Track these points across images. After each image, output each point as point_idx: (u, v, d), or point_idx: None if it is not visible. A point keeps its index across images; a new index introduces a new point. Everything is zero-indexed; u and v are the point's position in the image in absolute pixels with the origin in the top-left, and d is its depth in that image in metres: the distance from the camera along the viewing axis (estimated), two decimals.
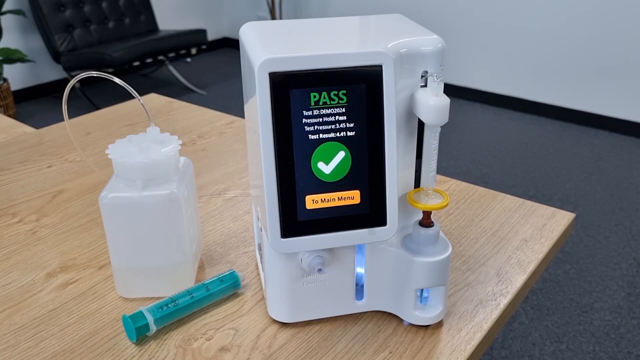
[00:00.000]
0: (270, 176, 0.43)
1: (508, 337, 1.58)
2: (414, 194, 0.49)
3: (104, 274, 0.62)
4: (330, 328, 0.54)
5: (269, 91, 0.42)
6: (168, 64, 3.63)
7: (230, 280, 0.57)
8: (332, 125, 0.44)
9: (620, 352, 1.53)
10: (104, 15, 3.46)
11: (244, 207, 0.75)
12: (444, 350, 0.51)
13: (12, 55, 3.02)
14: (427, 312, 0.53)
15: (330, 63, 0.42)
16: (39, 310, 0.56)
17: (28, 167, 0.87)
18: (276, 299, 0.53)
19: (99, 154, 0.91)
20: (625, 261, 1.91)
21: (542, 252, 0.65)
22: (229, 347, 0.52)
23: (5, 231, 0.70)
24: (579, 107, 3.01)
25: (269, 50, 0.43)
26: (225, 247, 0.66)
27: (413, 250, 0.50)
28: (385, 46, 0.45)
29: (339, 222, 0.46)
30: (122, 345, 0.52)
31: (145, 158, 0.53)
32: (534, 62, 3.11)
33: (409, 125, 0.48)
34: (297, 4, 4.11)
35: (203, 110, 1.10)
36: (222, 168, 0.86)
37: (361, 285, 0.54)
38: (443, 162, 2.58)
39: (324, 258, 0.49)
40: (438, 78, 0.45)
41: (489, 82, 3.32)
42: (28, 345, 0.52)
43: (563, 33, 2.95)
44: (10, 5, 3.22)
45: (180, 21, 4.14)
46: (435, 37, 0.47)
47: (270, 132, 0.43)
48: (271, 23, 0.52)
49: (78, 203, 0.77)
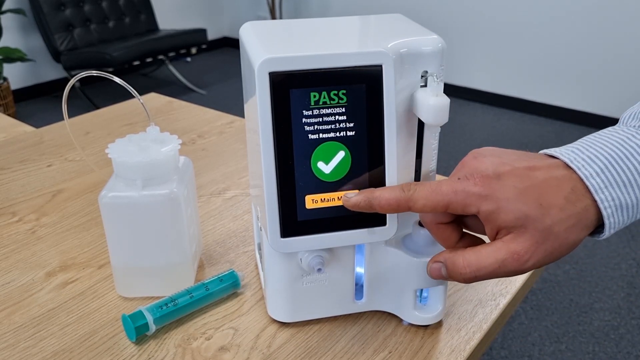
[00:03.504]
0: (270, 176, 0.43)
1: (507, 337, 1.58)
2: None
3: (104, 274, 0.62)
4: (329, 328, 0.54)
5: (269, 91, 0.42)
6: (168, 63, 3.63)
7: (230, 279, 0.57)
8: (332, 125, 0.44)
9: (619, 353, 1.53)
10: (104, 14, 3.46)
11: (243, 207, 0.75)
12: (444, 350, 0.51)
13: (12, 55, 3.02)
14: (426, 312, 0.53)
15: (330, 63, 0.42)
16: (38, 310, 0.56)
17: (28, 166, 0.87)
18: (276, 299, 0.53)
19: (99, 154, 0.91)
20: (625, 261, 1.91)
21: None
22: (228, 346, 0.52)
23: (4, 230, 0.70)
24: (579, 107, 3.01)
25: (269, 49, 0.43)
26: (224, 246, 0.66)
27: (413, 250, 0.50)
28: (385, 46, 0.45)
29: (338, 222, 0.46)
30: (121, 345, 0.52)
31: (145, 157, 0.53)
32: (534, 62, 3.11)
33: (409, 125, 0.48)
34: (297, 4, 4.11)
35: (203, 110, 1.10)
36: (222, 168, 0.86)
37: (361, 285, 0.54)
38: (443, 162, 2.58)
39: (323, 258, 0.49)
40: (438, 78, 0.45)
41: (489, 82, 3.32)
42: (27, 345, 0.52)
43: (563, 33, 2.95)
44: (10, 4, 3.22)
45: (181, 21, 4.14)
46: (435, 37, 0.47)
47: (270, 132, 0.43)
48: (271, 23, 0.52)
49: (78, 202, 0.77)
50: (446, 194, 0.40)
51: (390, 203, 0.42)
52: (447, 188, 0.40)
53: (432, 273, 0.43)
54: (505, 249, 0.38)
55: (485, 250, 0.40)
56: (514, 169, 0.39)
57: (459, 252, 0.41)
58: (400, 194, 0.41)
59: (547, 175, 0.39)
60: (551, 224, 0.37)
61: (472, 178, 0.39)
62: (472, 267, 0.40)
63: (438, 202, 0.40)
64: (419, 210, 0.41)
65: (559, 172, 0.39)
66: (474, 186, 0.39)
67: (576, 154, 0.39)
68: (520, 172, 0.39)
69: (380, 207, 0.42)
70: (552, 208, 0.38)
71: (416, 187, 0.41)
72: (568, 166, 0.39)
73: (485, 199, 0.39)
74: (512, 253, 0.38)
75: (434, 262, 0.43)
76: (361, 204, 0.43)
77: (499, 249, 0.39)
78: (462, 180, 0.40)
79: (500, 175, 0.39)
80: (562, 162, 0.39)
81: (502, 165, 0.40)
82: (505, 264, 0.38)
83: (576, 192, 0.38)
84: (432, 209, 0.41)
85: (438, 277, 0.43)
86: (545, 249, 0.38)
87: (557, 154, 0.40)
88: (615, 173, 0.38)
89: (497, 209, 0.38)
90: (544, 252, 0.38)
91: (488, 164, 0.40)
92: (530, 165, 0.39)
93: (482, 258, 0.39)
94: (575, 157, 0.39)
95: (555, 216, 0.37)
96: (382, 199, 0.42)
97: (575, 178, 0.38)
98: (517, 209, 0.38)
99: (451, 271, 0.41)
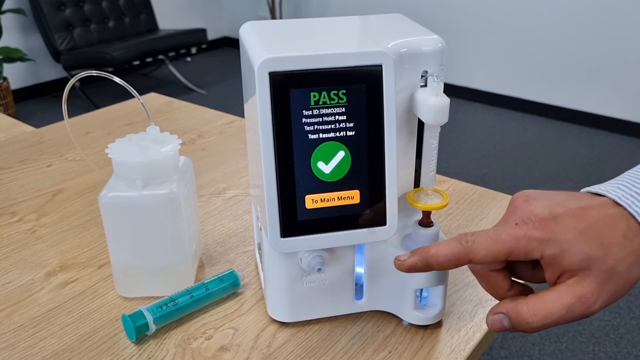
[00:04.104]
0: (270, 176, 0.43)
1: (507, 336, 1.58)
2: (413, 194, 0.49)
3: (104, 273, 0.62)
4: (329, 328, 0.54)
5: (269, 91, 0.42)
6: (168, 63, 3.63)
7: (230, 279, 0.57)
8: (332, 125, 0.44)
9: (619, 352, 1.53)
10: (104, 14, 3.46)
11: (243, 207, 0.75)
12: (444, 350, 0.51)
13: (12, 54, 3.02)
14: (426, 312, 0.53)
15: (330, 63, 0.42)
16: (38, 310, 0.56)
17: (28, 166, 0.87)
18: (276, 299, 0.53)
19: (99, 153, 0.91)
20: None
21: None
22: (228, 346, 0.52)
23: (4, 230, 0.70)
24: (579, 107, 3.01)
25: (269, 49, 0.43)
26: (224, 246, 0.66)
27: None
28: (385, 46, 0.45)
29: (338, 222, 0.46)
30: (121, 345, 0.52)
31: (145, 157, 0.53)
32: (534, 62, 3.11)
33: (409, 125, 0.48)
34: (297, 4, 4.11)
35: (203, 110, 1.10)
36: (221, 167, 0.86)
37: (361, 285, 0.54)
38: (443, 162, 2.58)
39: (323, 258, 0.49)
40: (438, 78, 0.45)
41: (489, 82, 3.32)
42: (27, 345, 0.52)
43: (563, 33, 2.95)
44: (10, 4, 3.22)
45: (180, 20, 4.14)
46: (435, 37, 0.47)
47: (270, 132, 0.43)
48: (271, 22, 0.52)
49: (78, 202, 0.77)
50: (507, 242, 0.39)
51: (450, 259, 0.41)
52: (507, 236, 0.39)
53: (494, 326, 0.41)
54: (571, 293, 0.37)
55: (549, 296, 0.38)
56: (569, 210, 0.38)
57: (521, 301, 0.40)
58: (459, 248, 0.40)
59: (601, 214, 0.38)
60: (614, 264, 0.37)
61: (531, 222, 0.38)
62: (539, 315, 0.38)
63: (499, 251, 0.39)
64: (480, 262, 0.40)
65: (611, 210, 0.38)
66: (535, 230, 0.38)
67: (623, 190, 0.39)
68: (575, 213, 0.38)
69: (438, 264, 0.41)
70: (613, 247, 0.37)
71: (474, 237, 0.40)
72: (617, 204, 0.38)
73: (547, 243, 0.38)
74: (578, 297, 0.37)
75: (494, 313, 0.41)
76: (418, 266, 0.42)
77: (565, 294, 0.38)
78: (521, 225, 0.39)
79: (557, 217, 0.38)
80: (611, 199, 0.39)
81: (556, 206, 0.39)
82: (573, 309, 0.37)
83: (632, 229, 0.37)
84: (494, 259, 0.39)
85: (501, 330, 0.41)
86: (610, 289, 0.37)
87: (603, 192, 0.39)
88: None
89: (562, 252, 0.37)
90: (609, 292, 0.37)
91: (542, 206, 0.39)
92: (582, 205, 0.39)
93: (548, 305, 0.38)
94: (623, 193, 0.38)
95: (616, 255, 0.37)
96: (439, 256, 0.41)
97: (627, 215, 0.38)
98: (580, 251, 0.37)
99: (516, 322, 0.39)
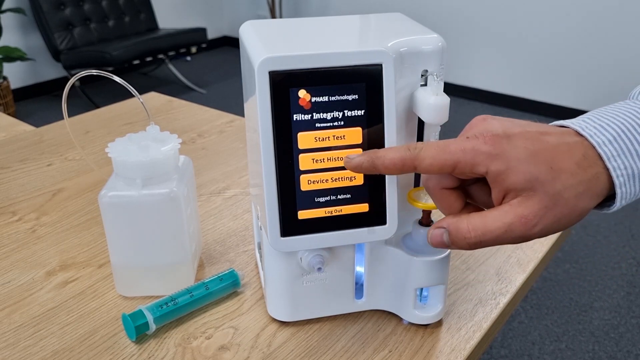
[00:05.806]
0: (270, 175, 0.43)
1: (507, 336, 1.58)
2: (413, 193, 0.49)
3: (104, 273, 0.62)
4: (329, 327, 0.54)
5: (269, 90, 0.42)
6: (168, 62, 3.62)
7: (230, 279, 0.57)
8: (332, 124, 0.43)
9: (619, 352, 1.53)
10: (104, 13, 3.46)
11: (243, 206, 0.75)
12: (444, 349, 0.51)
13: (12, 54, 3.02)
14: (426, 311, 0.53)
15: (330, 62, 0.42)
16: (38, 309, 0.56)
17: (28, 166, 0.87)
18: (276, 298, 0.53)
19: (99, 153, 0.91)
20: (625, 260, 1.91)
21: (541, 251, 0.65)
22: (228, 345, 0.52)
23: (4, 229, 0.70)
24: (579, 107, 3.01)
25: (268, 49, 0.43)
26: (224, 245, 0.66)
27: (413, 250, 0.50)
28: (385, 45, 0.44)
29: (338, 221, 0.46)
30: (121, 344, 0.52)
31: (145, 157, 0.53)
32: (534, 61, 3.11)
33: (409, 124, 0.48)
34: (297, 3, 4.11)
35: (203, 109, 1.10)
36: (221, 167, 0.86)
37: (361, 284, 0.54)
38: None
39: (323, 257, 0.49)
40: (438, 77, 0.45)
41: (489, 81, 3.32)
42: (27, 344, 0.52)
43: (563, 32, 2.95)
44: (10, 3, 3.22)
45: (180, 20, 4.14)
46: (435, 36, 0.47)
47: (270, 131, 0.42)
48: (271, 22, 0.52)
49: (78, 201, 0.77)
50: (454, 153, 0.38)
51: (395, 163, 0.40)
52: (455, 147, 0.38)
53: (433, 240, 0.41)
54: (513, 212, 0.37)
55: (491, 213, 0.38)
56: (525, 132, 0.38)
57: (463, 217, 0.39)
58: (406, 153, 0.39)
59: (559, 140, 0.37)
60: (561, 189, 0.36)
61: (482, 137, 0.38)
62: (477, 231, 0.38)
63: (445, 161, 0.38)
64: (424, 171, 0.39)
65: (571, 138, 0.38)
66: (484, 145, 0.37)
67: (587, 123, 0.38)
68: (531, 135, 0.38)
69: (384, 167, 0.40)
70: (563, 172, 0.36)
71: (422, 145, 0.39)
72: (579, 134, 0.38)
73: (495, 158, 0.37)
74: (519, 217, 0.36)
75: (435, 228, 0.41)
76: (364, 165, 0.41)
77: (506, 213, 0.37)
78: (471, 139, 0.38)
79: (511, 136, 0.37)
80: (574, 129, 0.38)
81: (513, 127, 0.38)
82: (512, 229, 0.37)
83: (588, 159, 0.37)
84: (439, 169, 0.38)
85: (439, 245, 0.40)
86: (554, 215, 0.37)
87: (566, 124, 0.39)
88: (628, 142, 0.37)
89: (507, 169, 0.37)
90: (552, 217, 0.37)
91: (498, 125, 0.39)
92: (541, 130, 0.38)
93: (489, 222, 0.37)
94: (587, 125, 0.38)
95: (565, 181, 0.36)
96: (386, 158, 0.40)
97: (587, 145, 0.37)
98: (527, 171, 0.36)
99: (454, 237, 0.39)
